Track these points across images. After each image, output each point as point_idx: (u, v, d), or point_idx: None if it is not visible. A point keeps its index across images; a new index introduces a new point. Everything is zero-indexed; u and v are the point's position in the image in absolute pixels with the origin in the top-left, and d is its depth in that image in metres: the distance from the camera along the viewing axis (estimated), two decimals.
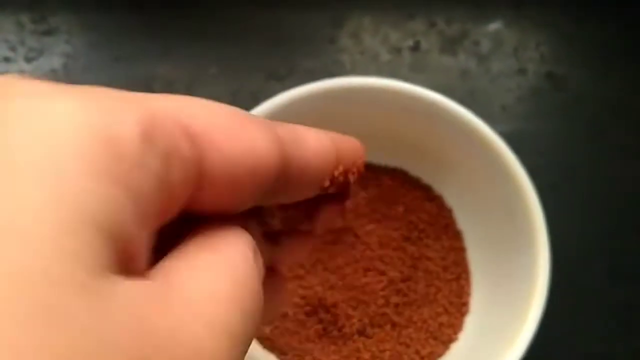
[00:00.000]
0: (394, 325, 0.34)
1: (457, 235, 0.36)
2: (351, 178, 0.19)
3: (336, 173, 0.17)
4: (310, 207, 0.20)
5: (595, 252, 0.39)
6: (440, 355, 0.33)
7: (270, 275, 0.18)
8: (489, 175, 0.33)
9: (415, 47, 0.45)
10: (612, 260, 0.39)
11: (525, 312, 0.30)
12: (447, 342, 0.34)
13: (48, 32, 0.45)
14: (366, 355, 0.33)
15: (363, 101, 0.34)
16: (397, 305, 0.34)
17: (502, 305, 0.32)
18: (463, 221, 0.36)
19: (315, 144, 0.16)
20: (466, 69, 0.44)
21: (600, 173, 0.41)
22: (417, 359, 0.33)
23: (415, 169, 0.37)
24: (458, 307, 0.35)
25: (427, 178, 0.37)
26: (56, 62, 0.45)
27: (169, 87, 0.43)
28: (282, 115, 0.33)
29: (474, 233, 0.36)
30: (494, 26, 0.45)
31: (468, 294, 0.35)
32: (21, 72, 0.44)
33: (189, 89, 0.44)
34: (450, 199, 0.37)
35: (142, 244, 0.12)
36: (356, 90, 0.34)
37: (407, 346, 0.34)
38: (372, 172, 0.37)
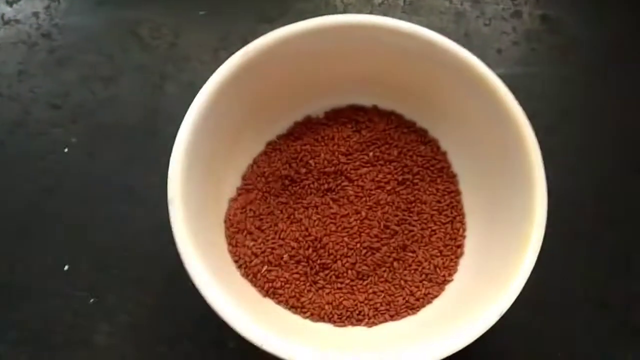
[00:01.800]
0: (388, 267, 0.34)
1: (452, 179, 0.36)
2: None
3: None
4: None
5: (592, 195, 0.39)
6: (435, 296, 0.33)
7: None
8: (487, 116, 0.32)
9: None
10: (608, 203, 0.39)
11: (521, 254, 0.30)
12: (442, 283, 0.34)
13: None
14: (361, 297, 0.33)
15: (357, 40, 0.33)
16: (391, 248, 0.34)
17: (497, 247, 0.32)
18: (458, 164, 0.36)
19: None
20: (461, 12, 0.43)
21: (596, 116, 0.41)
22: (412, 300, 0.33)
23: (410, 113, 0.37)
24: (453, 250, 0.34)
25: (422, 121, 0.36)
26: (38, 5, 0.43)
27: (156, 32, 0.42)
28: (271, 55, 0.32)
29: (470, 176, 0.35)
30: None
31: (463, 237, 0.35)
32: (2, 15, 0.43)
33: (176, 34, 0.42)
34: (446, 142, 0.36)
35: None
36: (349, 28, 0.33)
37: (402, 288, 0.33)
38: (365, 115, 0.37)
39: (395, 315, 0.33)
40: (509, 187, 0.32)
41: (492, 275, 0.31)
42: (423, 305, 0.33)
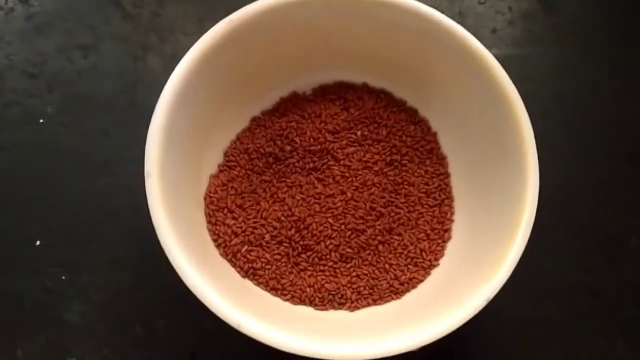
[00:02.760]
0: (373, 250, 0.33)
1: (441, 161, 0.35)
2: None
3: None
4: None
5: (585, 181, 0.38)
6: (420, 281, 0.32)
7: None
8: (480, 96, 0.31)
9: None
10: (600, 190, 0.38)
11: (511, 239, 0.29)
12: (427, 268, 0.33)
13: None
14: (343, 280, 0.32)
15: (347, 13, 0.32)
16: (377, 230, 0.33)
17: (486, 232, 0.31)
18: (449, 146, 0.35)
19: None
20: None
21: (591, 100, 0.40)
22: (396, 285, 0.32)
23: (401, 91, 0.35)
24: (440, 234, 0.33)
25: (413, 101, 0.35)
26: None
27: (139, 1, 0.41)
28: (257, 25, 0.31)
29: (460, 158, 0.34)
30: None
31: (451, 220, 0.34)
32: None
33: (160, 3, 0.41)
34: (437, 122, 0.35)
35: None
36: (338, 1, 0.31)
37: (386, 271, 0.32)
38: (354, 93, 0.35)
39: (379, 299, 0.32)
40: (500, 171, 0.31)
41: (480, 261, 0.30)
42: (408, 290, 0.32)
